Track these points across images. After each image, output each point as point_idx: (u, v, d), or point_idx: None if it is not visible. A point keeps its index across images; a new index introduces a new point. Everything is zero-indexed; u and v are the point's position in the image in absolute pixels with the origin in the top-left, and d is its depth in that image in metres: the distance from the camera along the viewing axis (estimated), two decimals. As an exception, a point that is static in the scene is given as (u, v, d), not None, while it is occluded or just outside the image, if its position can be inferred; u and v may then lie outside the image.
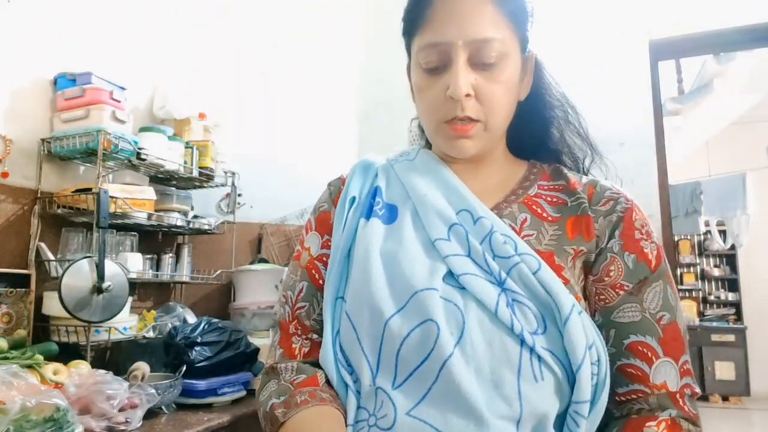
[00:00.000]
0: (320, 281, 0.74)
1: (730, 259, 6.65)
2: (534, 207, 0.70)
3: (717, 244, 6.26)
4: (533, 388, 0.58)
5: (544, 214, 0.69)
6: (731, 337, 5.93)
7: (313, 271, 0.75)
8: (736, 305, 6.44)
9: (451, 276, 0.63)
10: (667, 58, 3.13)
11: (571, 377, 0.59)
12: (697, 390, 0.64)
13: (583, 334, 0.59)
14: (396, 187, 0.74)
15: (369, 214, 0.71)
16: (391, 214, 0.71)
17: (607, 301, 0.66)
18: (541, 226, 0.68)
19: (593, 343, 0.60)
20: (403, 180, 0.74)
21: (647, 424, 0.60)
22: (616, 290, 0.66)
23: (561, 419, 0.60)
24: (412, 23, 0.69)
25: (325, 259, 0.74)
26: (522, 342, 0.59)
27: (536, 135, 0.78)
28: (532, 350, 0.58)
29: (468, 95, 0.65)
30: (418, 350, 0.59)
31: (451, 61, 0.65)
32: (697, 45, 2.80)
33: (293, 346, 0.73)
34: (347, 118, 2.99)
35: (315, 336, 0.73)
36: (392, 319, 0.61)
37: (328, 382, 0.67)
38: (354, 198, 0.73)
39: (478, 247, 0.64)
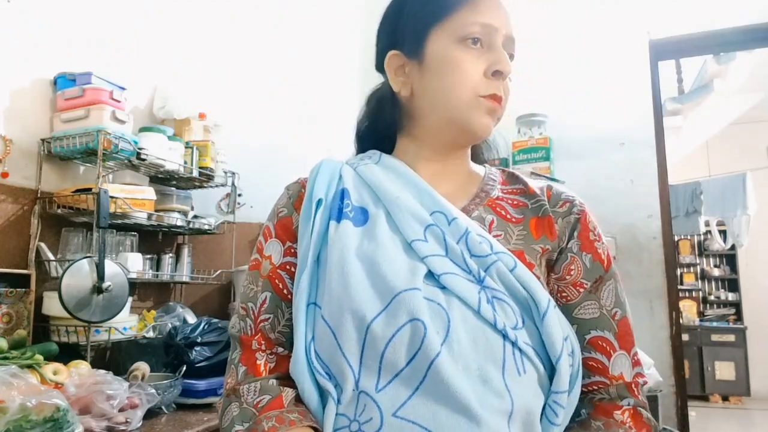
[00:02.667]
0: (284, 291, 0.71)
1: (730, 259, 6.65)
2: (498, 209, 0.73)
3: (717, 244, 6.27)
4: (517, 381, 0.60)
5: (509, 216, 0.72)
6: (731, 337, 5.93)
7: (276, 281, 0.72)
8: (736, 305, 6.44)
9: (430, 276, 0.64)
10: (667, 58, 3.13)
11: (549, 369, 0.63)
12: (647, 378, 0.70)
13: (560, 327, 0.63)
14: (363, 189, 0.74)
15: (339, 216, 0.70)
16: (362, 217, 0.70)
17: (569, 298, 0.70)
18: (507, 227, 0.71)
19: (568, 335, 0.65)
20: (371, 183, 0.73)
21: (615, 412, 0.66)
22: (577, 288, 0.70)
23: (541, 410, 0.63)
24: (458, 1, 0.72)
25: (288, 267, 0.72)
26: (505, 337, 0.61)
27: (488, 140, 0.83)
28: (514, 345, 0.61)
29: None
30: (405, 351, 0.59)
31: (494, 44, 0.71)
32: (697, 45, 2.80)
33: (258, 362, 0.69)
34: (347, 117, 2.98)
35: (281, 350, 0.71)
36: (375, 321, 0.60)
37: (297, 397, 0.66)
38: (321, 200, 0.71)
39: (456, 246, 0.66)
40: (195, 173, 1.91)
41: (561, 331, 0.63)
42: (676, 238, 6.54)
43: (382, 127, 0.82)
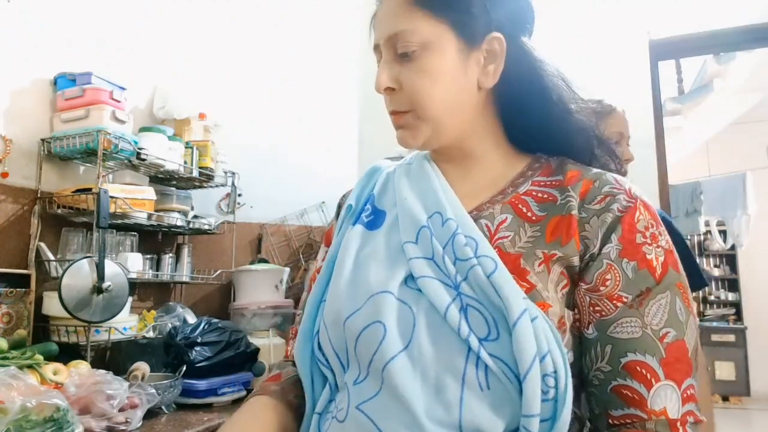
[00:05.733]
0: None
1: (730, 259, 6.65)
2: (519, 206, 0.66)
3: (717, 244, 6.27)
4: (477, 397, 0.55)
5: (529, 213, 0.65)
6: (731, 337, 5.93)
7: (311, 282, 0.78)
8: (736, 305, 6.44)
9: (412, 279, 0.63)
10: (667, 58, 3.13)
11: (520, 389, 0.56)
12: (702, 418, 0.58)
13: (534, 341, 0.54)
14: (390, 192, 0.75)
15: (356, 220, 0.73)
16: (378, 220, 0.72)
17: (603, 313, 0.60)
18: (520, 227, 0.64)
19: (548, 352, 0.55)
20: (395, 185, 0.74)
21: None
22: (614, 302, 0.60)
23: None
24: (371, 32, 0.74)
25: (319, 270, 0.79)
26: (468, 348, 0.56)
27: (536, 125, 0.71)
28: (478, 357, 0.55)
29: (390, 89, 0.68)
30: (367, 351, 0.60)
31: (382, 57, 0.70)
32: (697, 45, 2.80)
33: (288, 348, 0.80)
34: (348, 117, 2.99)
35: None
36: (349, 319, 0.63)
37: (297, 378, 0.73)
38: (350, 206, 0.76)
39: (440, 249, 0.63)
40: (195, 173, 1.91)
41: (534, 346, 0.54)
42: (676, 238, 6.53)
43: None
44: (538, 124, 0.70)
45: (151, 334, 1.71)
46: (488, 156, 0.72)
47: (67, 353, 1.44)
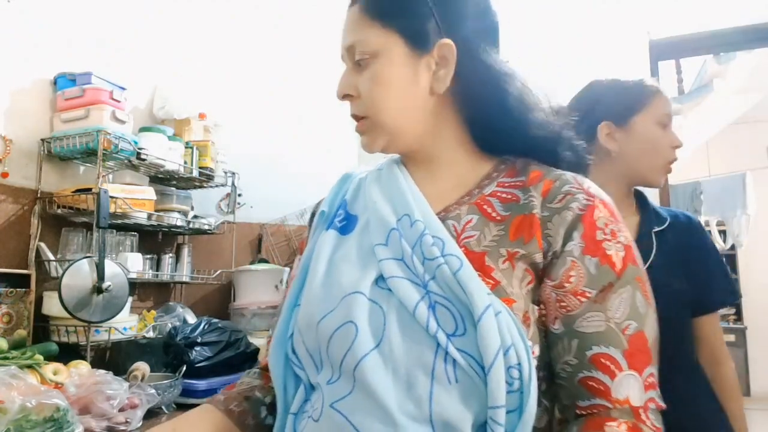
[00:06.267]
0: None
1: (730, 259, 6.63)
2: (484, 207, 0.68)
3: (717, 244, 6.26)
4: (446, 390, 0.57)
5: (494, 214, 0.67)
6: (731, 337, 5.93)
7: (287, 290, 0.81)
8: (736, 305, 6.43)
9: (382, 279, 0.65)
10: (667, 58, 3.13)
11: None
12: (662, 404, 0.61)
13: (497, 335, 0.56)
14: (361, 197, 0.77)
15: (328, 226, 0.75)
16: (350, 225, 0.74)
17: (569, 308, 0.62)
18: (485, 227, 0.66)
19: (511, 345, 0.57)
20: (366, 190, 0.76)
21: (608, 423, 0.58)
22: (578, 297, 0.62)
23: (484, 429, 0.58)
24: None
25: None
26: (437, 344, 0.58)
27: (497, 128, 0.72)
28: (446, 352, 0.58)
29: (349, 95, 0.73)
30: (339, 350, 0.62)
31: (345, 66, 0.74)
32: (697, 45, 2.80)
33: (262, 356, 0.84)
34: (347, 117, 2.98)
35: None
36: (322, 321, 0.64)
37: (262, 385, 0.78)
38: (323, 212, 0.78)
39: (409, 250, 0.65)
40: (195, 173, 1.91)
41: (498, 339, 0.56)
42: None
43: None
44: (499, 128, 0.72)
45: (151, 334, 1.71)
46: (454, 159, 0.74)
47: (67, 353, 1.44)
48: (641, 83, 1.12)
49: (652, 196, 2.64)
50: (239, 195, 2.14)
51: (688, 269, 1.04)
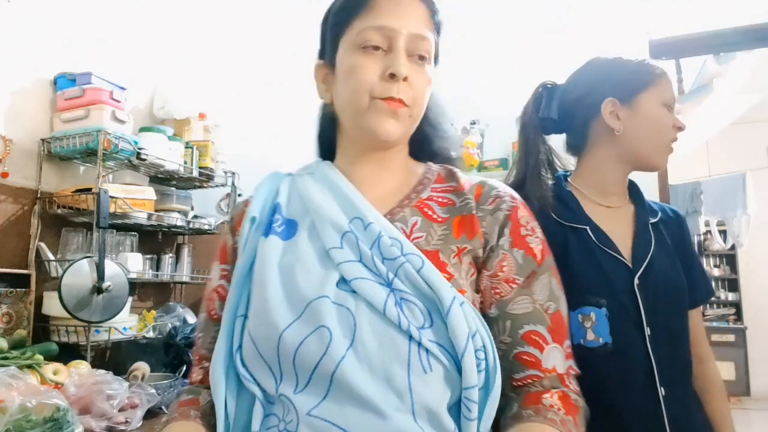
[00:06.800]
0: (212, 312, 0.81)
1: (730, 259, 6.64)
2: (425, 210, 0.74)
3: (717, 244, 6.26)
4: (423, 379, 0.62)
5: (434, 216, 0.73)
6: (731, 337, 5.93)
7: (209, 303, 0.82)
8: (736, 305, 6.44)
9: (344, 282, 0.67)
10: (667, 58, 3.12)
11: (459, 366, 0.63)
12: (577, 370, 0.71)
13: (465, 323, 0.63)
14: (296, 201, 0.77)
15: (267, 231, 0.74)
16: (290, 230, 0.74)
17: (502, 294, 0.71)
18: (430, 228, 0.72)
19: (476, 331, 0.64)
20: (302, 194, 0.77)
21: (543, 396, 0.66)
22: (510, 284, 0.71)
23: (457, 407, 0.64)
24: (356, 8, 0.73)
25: (219, 290, 0.80)
26: (410, 337, 0.62)
27: (424, 137, 0.82)
28: (419, 344, 0.62)
29: (405, 78, 0.71)
30: (313, 356, 0.63)
31: (393, 46, 0.71)
32: (697, 45, 2.80)
33: (193, 375, 0.81)
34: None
35: (207, 364, 0.76)
36: (286, 330, 0.64)
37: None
38: (254, 218, 0.76)
39: (368, 251, 0.67)
40: (195, 173, 1.91)
41: (467, 327, 0.63)
42: (676, 238, 6.52)
43: (325, 135, 0.88)
44: (430, 135, 0.82)
45: (151, 334, 1.71)
46: (399, 163, 0.80)
47: (67, 353, 1.44)
48: (648, 63, 1.10)
49: (652, 196, 2.65)
50: (239, 195, 2.14)
51: (678, 262, 1.03)
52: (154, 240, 1.97)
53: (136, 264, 1.72)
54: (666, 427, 0.90)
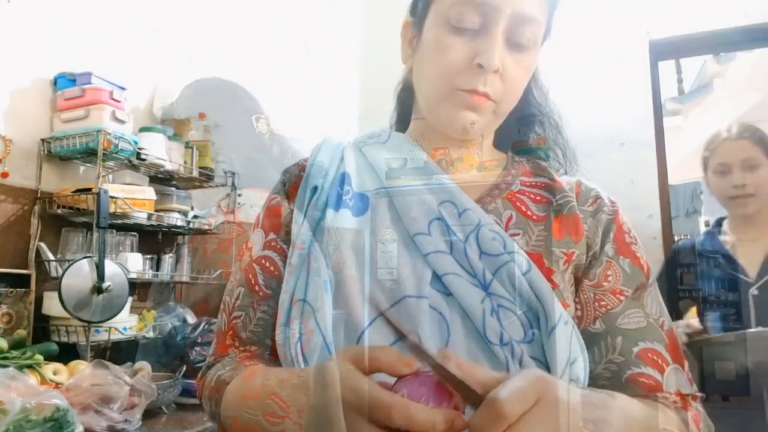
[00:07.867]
0: (256, 287, 0.65)
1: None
2: (518, 204, 0.63)
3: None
4: None
5: (530, 213, 0.62)
6: (731, 337, 5.92)
7: (250, 276, 0.65)
8: (736, 305, 6.43)
9: (437, 278, 0.57)
10: (667, 58, 3.12)
11: None
12: (704, 395, 0.62)
13: (567, 347, 0.55)
14: (366, 173, 0.65)
15: (338, 204, 0.62)
16: (362, 205, 0.62)
17: (609, 307, 0.60)
18: (527, 225, 0.61)
19: (576, 359, 0.55)
20: (375, 165, 0.65)
21: (659, 393, 0.57)
22: (617, 296, 0.61)
23: None
24: None
25: (264, 261, 0.65)
26: (512, 353, 0.54)
27: (518, 128, 0.71)
28: (521, 362, 0.54)
29: (496, 71, 0.59)
30: None
31: (489, 28, 0.59)
32: (697, 45, 2.80)
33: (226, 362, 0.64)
34: (348, 117, 2.98)
35: (254, 348, 0.64)
36: (366, 331, 0.55)
37: None
38: (316, 187, 0.64)
39: (461, 244, 0.57)
40: (195, 173, 1.91)
41: (568, 351, 0.54)
42: (676, 238, 6.52)
43: (405, 103, 0.74)
44: (520, 128, 0.72)
45: (151, 334, 1.71)
46: (480, 145, 0.69)
47: (67, 353, 1.44)
48: None
49: (651, 196, 2.65)
50: (239, 195, 2.14)
51: None
52: (154, 240, 1.97)
53: (136, 264, 1.72)
54: None
